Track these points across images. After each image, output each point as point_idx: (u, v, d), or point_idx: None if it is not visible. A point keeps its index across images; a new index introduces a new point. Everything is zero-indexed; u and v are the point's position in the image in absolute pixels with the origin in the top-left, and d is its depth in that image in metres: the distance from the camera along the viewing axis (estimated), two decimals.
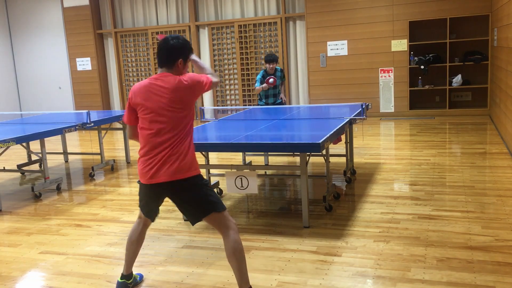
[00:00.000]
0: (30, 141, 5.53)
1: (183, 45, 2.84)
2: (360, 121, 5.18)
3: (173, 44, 2.81)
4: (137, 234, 3.06)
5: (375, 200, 4.67)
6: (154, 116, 2.75)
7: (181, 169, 2.73)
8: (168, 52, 2.80)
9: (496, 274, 3.05)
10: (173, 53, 2.80)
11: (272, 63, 6.43)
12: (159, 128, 2.74)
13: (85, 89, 12.41)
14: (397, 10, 9.70)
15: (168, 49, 2.80)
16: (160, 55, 2.83)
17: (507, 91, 6.68)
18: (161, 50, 2.82)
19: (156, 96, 2.75)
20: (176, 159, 2.73)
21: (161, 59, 2.83)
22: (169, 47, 2.81)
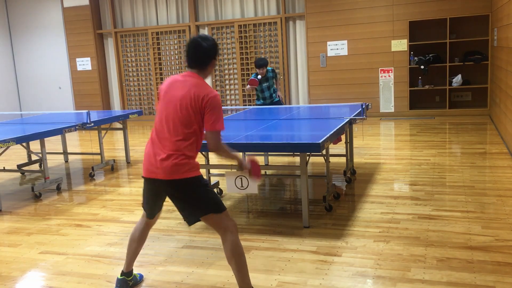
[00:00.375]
0: (30, 141, 5.53)
1: (214, 46, 2.86)
2: (360, 121, 5.18)
3: (207, 46, 2.82)
4: (139, 232, 3.07)
5: (375, 200, 4.67)
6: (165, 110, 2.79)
7: (178, 170, 2.72)
8: (203, 53, 2.82)
9: (496, 274, 3.05)
10: (208, 54, 2.83)
11: (262, 68, 6.51)
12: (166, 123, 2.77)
13: (85, 89, 12.41)
14: (397, 10, 9.70)
15: (202, 51, 2.81)
16: (193, 56, 2.83)
17: (507, 91, 6.68)
18: (195, 52, 2.82)
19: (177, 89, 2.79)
20: (175, 158, 2.72)
21: (192, 60, 2.84)
22: (203, 49, 2.81)
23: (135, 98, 12.31)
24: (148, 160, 2.81)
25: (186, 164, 2.73)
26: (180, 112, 2.73)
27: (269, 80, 6.64)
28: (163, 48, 11.83)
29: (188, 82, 2.79)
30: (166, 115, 2.78)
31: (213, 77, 11.43)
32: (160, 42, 11.79)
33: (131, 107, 12.35)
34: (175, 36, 11.65)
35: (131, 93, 12.31)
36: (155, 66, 11.85)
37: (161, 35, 11.73)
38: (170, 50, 11.80)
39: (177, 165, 2.71)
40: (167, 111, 2.78)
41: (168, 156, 2.72)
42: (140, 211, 4.79)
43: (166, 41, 11.75)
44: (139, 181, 6.05)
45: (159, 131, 2.80)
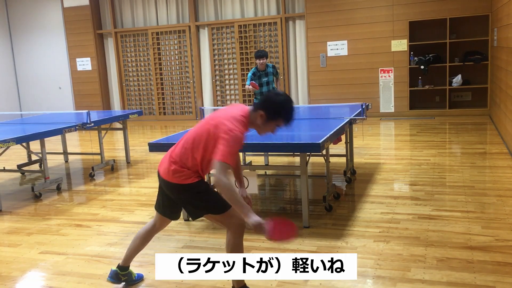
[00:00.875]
0: (30, 141, 5.53)
1: (277, 107, 2.73)
2: (360, 121, 5.18)
3: (269, 95, 2.78)
4: (145, 232, 3.14)
5: (375, 200, 4.67)
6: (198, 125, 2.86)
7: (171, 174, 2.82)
8: (264, 101, 2.76)
9: (496, 274, 3.05)
10: (265, 105, 2.74)
11: (262, 58, 6.44)
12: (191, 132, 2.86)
13: (85, 89, 12.41)
14: (397, 10, 9.70)
15: (266, 99, 2.77)
16: (263, 98, 2.80)
17: (507, 91, 6.68)
18: (267, 95, 2.81)
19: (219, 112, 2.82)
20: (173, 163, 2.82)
21: (257, 102, 2.82)
22: (267, 98, 2.77)
23: (135, 98, 12.31)
24: (164, 156, 2.96)
25: (178, 171, 2.80)
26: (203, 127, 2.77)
27: (269, 76, 6.60)
28: (163, 48, 11.83)
29: (228, 111, 2.76)
30: (196, 127, 2.86)
31: (213, 77, 11.44)
32: (160, 42, 11.79)
33: (131, 107, 12.35)
34: (175, 36, 11.65)
35: (131, 93, 12.31)
36: (155, 66, 11.85)
37: (161, 35, 11.73)
38: (170, 50, 11.80)
39: (173, 171, 2.81)
40: (200, 123, 2.85)
41: (170, 159, 2.86)
42: (140, 211, 4.81)
43: (166, 41, 11.75)
44: (139, 181, 6.06)
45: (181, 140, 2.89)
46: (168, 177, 2.84)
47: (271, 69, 6.64)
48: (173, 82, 11.94)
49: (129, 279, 3.22)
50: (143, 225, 4.31)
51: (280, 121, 2.76)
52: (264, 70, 6.58)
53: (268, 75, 6.60)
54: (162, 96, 12.04)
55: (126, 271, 3.18)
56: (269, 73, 6.61)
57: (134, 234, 4.10)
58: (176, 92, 11.94)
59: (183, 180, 2.80)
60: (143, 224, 4.36)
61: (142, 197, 5.29)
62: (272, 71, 6.64)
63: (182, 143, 2.86)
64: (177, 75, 11.88)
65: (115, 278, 3.17)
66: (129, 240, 3.99)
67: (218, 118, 2.74)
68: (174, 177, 2.82)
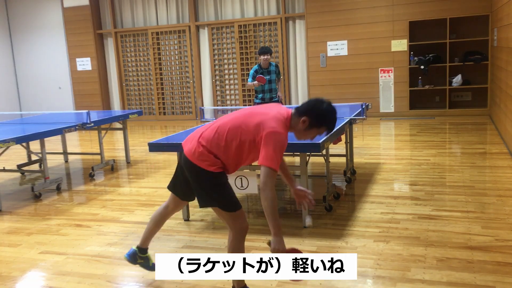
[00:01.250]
0: (30, 141, 5.53)
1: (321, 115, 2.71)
2: (360, 121, 5.18)
3: (313, 103, 2.74)
4: (158, 214, 3.14)
5: (375, 200, 4.67)
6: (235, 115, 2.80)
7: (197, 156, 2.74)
8: (308, 105, 2.73)
9: (496, 274, 3.05)
10: (310, 111, 2.70)
11: (266, 54, 6.38)
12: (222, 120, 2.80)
13: (85, 89, 12.42)
14: (397, 10, 9.70)
15: (308, 103, 2.75)
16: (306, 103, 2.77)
17: (507, 91, 6.68)
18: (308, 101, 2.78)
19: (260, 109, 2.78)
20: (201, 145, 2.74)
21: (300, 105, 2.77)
22: (310, 103, 2.74)
23: (135, 98, 12.31)
24: (190, 134, 2.90)
25: (205, 155, 2.73)
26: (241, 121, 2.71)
27: (271, 74, 6.56)
28: (163, 48, 11.83)
29: (272, 111, 2.71)
30: (232, 115, 2.79)
31: (213, 77, 11.44)
32: (160, 42, 11.79)
33: (131, 107, 12.36)
34: (175, 36, 11.65)
35: (131, 93, 12.31)
36: (155, 66, 11.85)
37: (161, 35, 11.73)
38: (170, 50, 11.80)
39: (199, 153, 2.73)
40: (237, 113, 2.78)
41: (198, 139, 2.76)
42: (140, 211, 4.81)
43: (166, 41, 11.75)
44: (139, 181, 6.06)
45: (212, 125, 2.81)
46: (193, 157, 2.75)
47: (274, 67, 6.59)
48: (173, 82, 11.94)
49: (144, 264, 3.21)
50: (143, 225, 4.32)
51: (322, 129, 2.73)
52: (267, 68, 6.54)
53: (271, 74, 6.54)
54: (162, 96, 12.04)
55: (144, 254, 3.19)
56: (271, 71, 6.55)
57: (134, 234, 4.11)
58: (176, 92, 11.94)
59: (206, 166, 2.73)
60: (143, 224, 4.37)
61: (142, 197, 5.30)
62: (275, 70, 6.60)
63: (214, 128, 2.76)
64: (177, 75, 11.88)
65: (132, 258, 3.18)
66: (129, 240, 4.00)
67: (261, 115, 2.66)
68: (198, 159, 2.74)
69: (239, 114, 2.78)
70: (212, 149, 2.74)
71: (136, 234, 4.12)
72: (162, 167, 6.75)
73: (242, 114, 2.76)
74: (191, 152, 2.78)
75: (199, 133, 2.83)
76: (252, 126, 2.65)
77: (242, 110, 2.83)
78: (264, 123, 2.61)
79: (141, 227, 4.29)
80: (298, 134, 2.77)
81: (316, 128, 2.72)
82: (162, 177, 6.17)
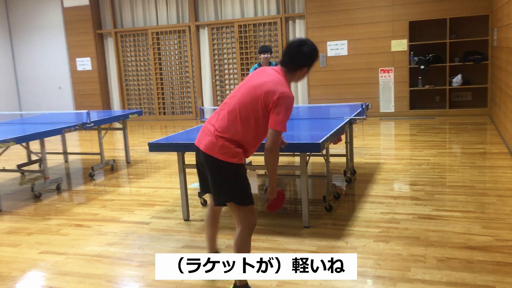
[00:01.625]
0: (30, 141, 5.53)
1: (312, 53, 2.84)
2: (360, 121, 5.18)
3: (304, 50, 2.81)
4: (208, 217, 3.20)
5: (375, 200, 4.67)
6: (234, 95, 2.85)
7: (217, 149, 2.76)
8: (296, 55, 2.82)
9: (496, 274, 3.05)
10: (300, 58, 2.82)
11: (266, 53, 6.30)
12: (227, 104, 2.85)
13: (85, 89, 12.42)
14: (397, 10, 9.70)
15: (297, 52, 2.82)
16: (286, 54, 2.85)
17: (507, 91, 6.68)
18: (289, 51, 2.84)
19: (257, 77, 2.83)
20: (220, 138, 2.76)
21: (285, 58, 2.85)
22: (299, 51, 2.81)
23: (135, 98, 12.31)
24: (202, 131, 2.92)
25: (227, 147, 2.74)
26: (245, 96, 2.76)
27: None
28: (163, 48, 11.83)
29: (270, 76, 2.80)
30: (234, 98, 2.82)
31: (213, 77, 11.44)
32: (160, 42, 11.79)
33: (131, 107, 12.36)
34: (175, 36, 11.65)
35: (131, 93, 12.31)
36: (155, 66, 11.85)
37: (161, 35, 11.73)
38: (170, 50, 11.81)
39: (220, 146, 2.75)
40: (235, 94, 2.83)
41: (215, 133, 2.78)
42: (140, 211, 4.81)
43: (166, 41, 11.75)
44: (139, 181, 6.06)
45: (221, 111, 2.86)
46: (213, 152, 2.76)
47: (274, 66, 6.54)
48: (173, 82, 11.94)
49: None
50: (143, 225, 4.33)
51: (313, 65, 2.89)
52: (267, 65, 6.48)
53: None
54: (162, 96, 12.04)
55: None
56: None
57: (134, 234, 4.11)
58: (176, 92, 11.95)
59: (228, 158, 2.75)
60: (143, 224, 4.37)
61: (142, 197, 5.30)
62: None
63: (225, 116, 2.79)
64: (177, 75, 11.88)
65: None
66: (129, 240, 4.00)
67: (264, 85, 2.74)
68: (219, 153, 2.75)
69: (241, 93, 2.80)
70: (232, 137, 2.76)
71: (136, 234, 4.13)
72: (162, 167, 6.75)
73: (245, 92, 2.79)
74: (210, 147, 2.78)
75: (211, 127, 2.83)
76: (261, 98, 2.71)
77: (240, 89, 2.85)
78: (272, 90, 2.70)
79: (141, 227, 4.30)
80: (296, 81, 2.92)
81: (306, 69, 2.88)
82: (162, 177, 6.18)
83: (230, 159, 2.75)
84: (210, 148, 2.77)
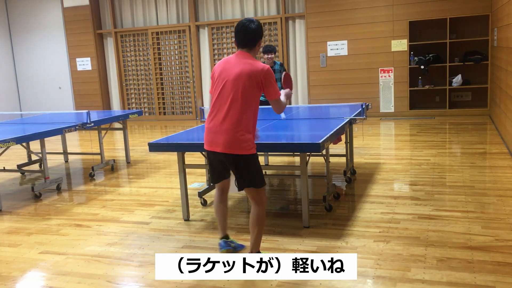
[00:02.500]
0: (30, 141, 5.53)
1: (261, 27, 3.22)
2: (360, 121, 5.18)
3: (255, 27, 3.17)
4: (217, 198, 3.46)
5: (375, 200, 4.67)
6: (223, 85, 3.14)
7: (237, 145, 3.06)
8: (252, 34, 3.16)
9: (496, 274, 3.05)
10: (256, 34, 3.18)
11: (269, 53, 6.18)
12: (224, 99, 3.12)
13: (85, 89, 12.41)
14: (397, 10, 9.70)
15: (251, 31, 3.16)
16: (243, 37, 3.18)
17: (507, 91, 6.68)
18: (245, 33, 3.16)
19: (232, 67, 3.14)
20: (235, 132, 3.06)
21: (243, 41, 3.19)
22: (251, 30, 3.16)
23: (135, 98, 12.31)
24: (211, 134, 3.17)
25: (244, 140, 3.05)
26: (237, 87, 3.06)
27: (276, 74, 6.36)
28: (163, 48, 11.83)
29: (243, 60, 3.13)
30: (225, 91, 3.11)
31: None
32: (160, 42, 11.79)
33: (131, 107, 12.36)
34: (175, 36, 11.65)
35: (131, 92, 12.31)
36: (155, 66, 11.85)
37: (161, 35, 11.73)
38: (170, 50, 11.81)
39: (237, 140, 3.04)
40: (225, 87, 3.11)
41: (227, 130, 3.06)
42: (140, 211, 4.82)
43: (166, 41, 11.75)
44: (139, 181, 6.06)
45: (220, 107, 3.12)
46: (235, 149, 3.05)
47: (279, 66, 6.38)
48: (173, 82, 11.94)
49: (236, 245, 3.56)
50: (143, 225, 4.33)
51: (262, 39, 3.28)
52: (272, 67, 6.29)
53: (275, 73, 6.27)
54: (162, 96, 12.04)
55: (229, 238, 3.53)
56: (276, 70, 6.31)
57: (134, 234, 4.11)
58: (176, 92, 11.95)
59: (249, 150, 3.08)
60: (143, 224, 4.37)
61: (142, 197, 5.30)
62: (279, 68, 6.37)
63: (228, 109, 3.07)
64: (177, 75, 11.88)
65: (226, 245, 3.49)
66: (129, 240, 4.00)
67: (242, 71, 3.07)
68: (241, 148, 3.05)
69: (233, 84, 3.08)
70: (246, 126, 3.07)
71: (136, 234, 4.13)
72: (162, 167, 6.75)
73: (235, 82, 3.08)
74: (230, 145, 3.06)
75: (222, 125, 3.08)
76: (253, 80, 3.06)
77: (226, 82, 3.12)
78: (256, 70, 3.08)
79: (141, 227, 4.30)
80: (255, 55, 3.25)
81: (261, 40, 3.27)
82: (162, 177, 6.18)
83: (251, 151, 3.10)
84: (230, 146, 3.06)
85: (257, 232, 3.22)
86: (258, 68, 3.08)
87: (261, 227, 3.22)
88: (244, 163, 3.12)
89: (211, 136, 3.16)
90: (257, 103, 3.15)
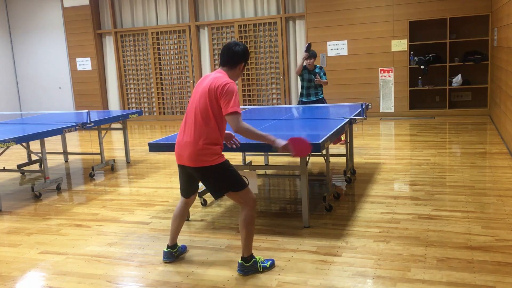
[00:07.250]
0: (30, 141, 5.53)
1: (245, 52, 3.23)
2: (360, 121, 5.18)
3: (237, 50, 3.20)
4: (179, 210, 3.48)
5: (375, 200, 4.67)
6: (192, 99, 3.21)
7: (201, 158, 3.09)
8: (232, 55, 3.20)
9: (496, 274, 3.05)
10: (236, 56, 3.20)
11: (311, 59, 6.67)
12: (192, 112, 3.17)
13: (85, 89, 12.42)
14: (397, 10, 9.70)
15: (232, 53, 3.19)
16: (223, 57, 3.22)
17: (507, 91, 6.68)
18: (226, 53, 3.20)
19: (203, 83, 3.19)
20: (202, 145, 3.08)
21: (222, 60, 3.22)
22: (233, 52, 3.19)
23: (135, 98, 12.31)
24: (178, 147, 3.21)
25: (208, 153, 3.07)
26: (199, 101, 3.11)
27: (312, 75, 6.79)
28: (163, 48, 11.83)
29: (212, 76, 3.16)
30: (192, 105, 3.17)
31: None
32: (160, 42, 11.79)
33: (131, 107, 12.36)
34: (175, 36, 11.65)
35: (131, 92, 12.31)
36: (155, 66, 11.85)
37: (161, 35, 11.73)
38: (170, 50, 11.80)
39: (199, 153, 3.06)
40: (193, 101, 3.18)
41: (191, 144, 3.09)
42: (140, 211, 4.82)
43: (166, 41, 11.75)
44: (139, 181, 6.06)
45: (187, 121, 3.18)
46: (198, 162, 3.08)
47: (319, 69, 6.82)
48: (173, 82, 11.94)
49: (180, 252, 3.58)
50: (143, 225, 4.33)
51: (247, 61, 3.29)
52: (313, 69, 6.76)
53: (313, 75, 6.77)
54: (161, 96, 12.04)
55: (176, 248, 3.52)
56: (316, 73, 6.79)
57: (134, 234, 4.11)
58: (176, 92, 11.94)
59: (212, 161, 3.09)
60: (143, 224, 4.37)
61: (142, 197, 5.30)
62: (319, 72, 6.82)
63: (192, 124, 3.12)
64: (177, 75, 11.88)
65: (171, 256, 3.49)
66: (129, 240, 4.00)
67: (206, 85, 3.10)
68: (203, 160, 3.07)
69: (197, 99, 3.14)
70: (211, 139, 3.08)
71: (136, 234, 4.13)
72: (162, 167, 6.75)
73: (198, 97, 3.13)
74: (193, 159, 3.10)
75: (185, 139, 3.14)
76: (212, 94, 3.06)
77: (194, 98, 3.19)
78: (217, 84, 3.06)
79: (141, 227, 4.30)
80: (236, 78, 3.26)
81: (244, 64, 3.27)
82: (162, 177, 6.18)
83: (215, 161, 3.10)
84: (193, 159, 3.10)
85: (245, 235, 3.18)
86: (219, 82, 3.06)
87: (249, 229, 3.18)
88: (213, 173, 3.13)
89: (178, 150, 3.21)
90: (221, 114, 3.09)
